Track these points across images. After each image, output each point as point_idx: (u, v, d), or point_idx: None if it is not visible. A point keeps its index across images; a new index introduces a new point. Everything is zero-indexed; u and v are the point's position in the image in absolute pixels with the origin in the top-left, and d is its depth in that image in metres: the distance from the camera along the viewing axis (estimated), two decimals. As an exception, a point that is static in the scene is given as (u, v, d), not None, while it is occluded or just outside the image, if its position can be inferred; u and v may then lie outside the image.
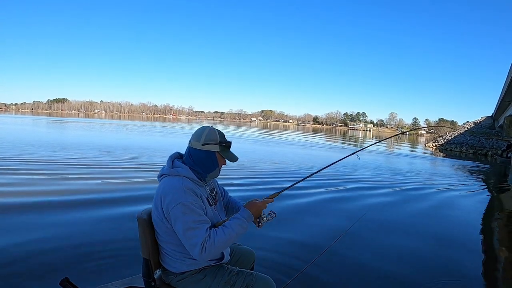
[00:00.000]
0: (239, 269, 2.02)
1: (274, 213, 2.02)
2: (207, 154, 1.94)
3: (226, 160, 2.02)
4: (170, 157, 1.99)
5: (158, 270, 2.00)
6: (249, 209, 1.93)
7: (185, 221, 1.73)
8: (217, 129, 2.00)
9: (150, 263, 1.92)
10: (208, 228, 1.77)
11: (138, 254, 2.01)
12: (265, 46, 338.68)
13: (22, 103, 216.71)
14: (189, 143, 1.98)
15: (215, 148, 1.94)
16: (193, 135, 1.97)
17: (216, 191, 2.14)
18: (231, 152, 2.02)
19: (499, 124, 31.61)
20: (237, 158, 2.02)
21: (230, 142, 2.01)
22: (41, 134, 21.65)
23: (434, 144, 40.52)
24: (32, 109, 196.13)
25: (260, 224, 1.99)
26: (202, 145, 1.93)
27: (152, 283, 1.94)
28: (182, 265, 1.91)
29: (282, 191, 2.17)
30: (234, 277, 1.94)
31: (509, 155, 23.17)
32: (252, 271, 2.05)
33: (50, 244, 3.80)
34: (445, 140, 40.80)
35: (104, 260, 3.47)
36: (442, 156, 26.95)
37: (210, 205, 1.96)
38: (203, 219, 1.78)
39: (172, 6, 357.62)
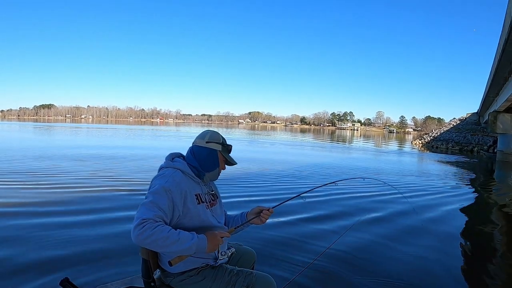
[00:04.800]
0: (239, 269, 2.00)
1: (234, 251, 2.12)
2: (210, 151, 2.05)
3: (225, 165, 2.12)
4: (170, 154, 2.09)
5: (157, 270, 1.99)
6: (207, 236, 1.82)
7: (151, 197, 1.78)
8: (219, 133, 2.14)
9: (149, 263, 1.90)
10: (159, 217, 1.72)
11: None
12: (252, 48, 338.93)
13: (8, 110, 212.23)
14: (192, 144, 2.10)
15: (218, 147, 2.06)
16: (197, 136, 2.10)
17: (216, 194, 2.18)
18: (231, 156, 2.13)
19: (484, 120, 32.20)
20: (236, 163, 2.13)
21: (231, 146, 2.13)
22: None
23: (420, 142, 41.23)
24: (19, 116, 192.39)
25: (219, 256, 2.00)
26: (206, 142, 2.05)
27: (152, 284, 1.92)
28: (178, 264, 1.86)
29: (237, 227, 2.11)
30: (234, 277, 1.93)
31: (495, 150, 23.60)
32: (251, 270, 2.04)
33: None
34: (432, 137, 41.54)
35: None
36: (429, 152, 27.41)
37: (202, 202, 1.97)
38: (162, 208, 1.76)
39: (157, 10, 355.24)
